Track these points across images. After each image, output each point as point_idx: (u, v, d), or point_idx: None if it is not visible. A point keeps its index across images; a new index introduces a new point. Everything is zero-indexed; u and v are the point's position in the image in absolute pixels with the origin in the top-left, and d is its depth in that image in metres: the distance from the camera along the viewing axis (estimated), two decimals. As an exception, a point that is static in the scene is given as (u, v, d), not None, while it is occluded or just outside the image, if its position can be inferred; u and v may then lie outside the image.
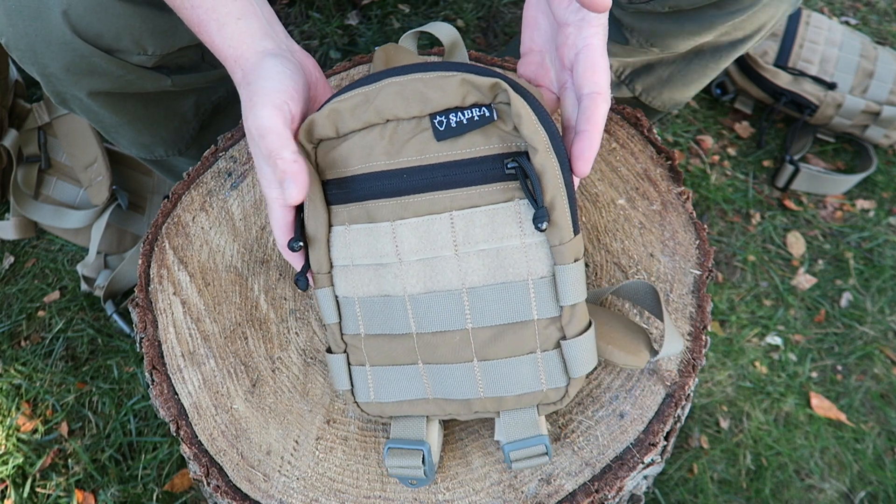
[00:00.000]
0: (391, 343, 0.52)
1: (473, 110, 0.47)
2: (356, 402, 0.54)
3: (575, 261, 0.48)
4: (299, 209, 0.52)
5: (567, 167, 0.48)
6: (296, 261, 0.53)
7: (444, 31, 0.61)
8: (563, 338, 0.49)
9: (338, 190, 0.51)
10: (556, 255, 0.48)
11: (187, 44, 0.71)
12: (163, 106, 0.78)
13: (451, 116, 0.48)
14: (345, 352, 0.54)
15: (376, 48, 0.60)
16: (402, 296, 0.50)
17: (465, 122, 0.47)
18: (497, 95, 0.47)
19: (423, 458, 0.52)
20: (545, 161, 0.46)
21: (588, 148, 0.48)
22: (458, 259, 0.49)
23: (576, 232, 0.48)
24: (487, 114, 0.47)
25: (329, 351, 0.55)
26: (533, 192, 0.47)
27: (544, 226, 0.46)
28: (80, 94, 0.71)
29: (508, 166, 0.47)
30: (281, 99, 0.48)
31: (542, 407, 0.52)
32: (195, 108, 0.83)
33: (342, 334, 0.53)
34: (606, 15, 0.49)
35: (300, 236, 0.51)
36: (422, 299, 0.50)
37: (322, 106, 0.50)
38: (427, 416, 0.54)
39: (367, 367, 0.53)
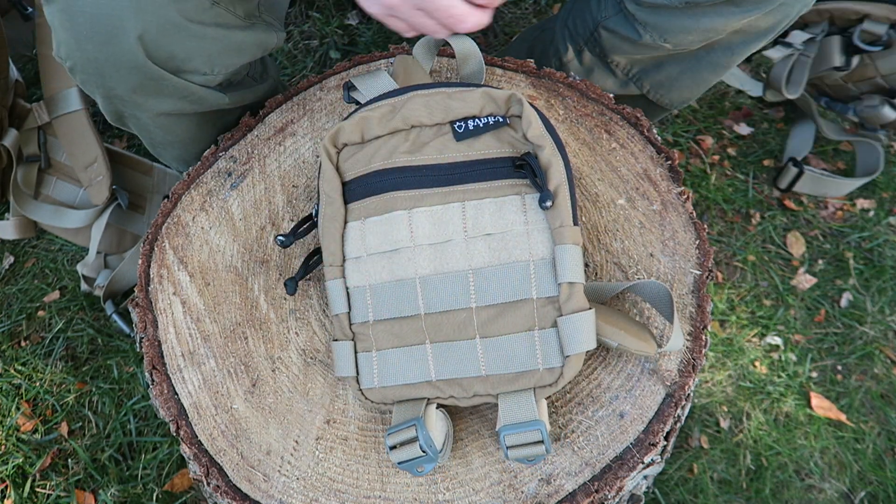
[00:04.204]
0: (400, 326, 0.55)
1: (489, 118, 0.55)
2: (360, 389, 0.56)
3: (574, 244, 0.52)
4: (309, 223, 0.59)
5: (570, 168, 0.54)
6: None
7: (459, 45, 0.62)
8: (560, 315, 0.52)
9: (356, 187, 0.57)
10: (557, 236, 0.53)
11: (250, 59, 0.71)
12: (212, 124, 0.78)
13: (468, 122, 0.55)
14: (352, 340, 0.57)
15: (395, 59, 0.66)
16: (414, 278, 0.54)
17: (481, 125, 0.55)
18: (511, 108, 0.55)
19: (417, 432, 0.52)
20: (551, 157, 0.53)
21: None
22: (465, 243, 0.54)
23: (575, 223, 0.53)
24: (501, 120, 0.55)
25: (335, 340, 0.57)
26: (538, 179, 0.53)
27: (549, 203, 0.52)
28: (142, 115, 0.70)
29: (517, 163, 0.54)
30: None
31: (538, 390, 0.53)
32: (237, 124, 0.83)
33: (350, 324, 0.56)
34: None
35: (292, 234, 0.58)
36: (431, 280, 0.54)
37: (349, 115, 0.56)
38: (427, 401, 0.55)
39: (374, 353, 0.55)
